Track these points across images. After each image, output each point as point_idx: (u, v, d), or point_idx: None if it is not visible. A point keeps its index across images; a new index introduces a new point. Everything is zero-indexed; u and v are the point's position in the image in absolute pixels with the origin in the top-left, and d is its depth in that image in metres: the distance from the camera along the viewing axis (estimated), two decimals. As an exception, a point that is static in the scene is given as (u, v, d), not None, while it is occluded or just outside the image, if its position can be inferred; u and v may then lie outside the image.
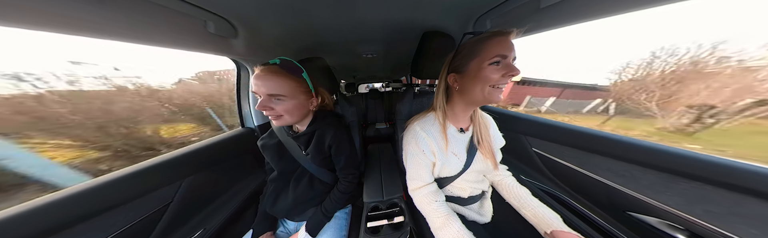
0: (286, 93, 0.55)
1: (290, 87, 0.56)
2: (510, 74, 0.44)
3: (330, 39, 0.87)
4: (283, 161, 0.71)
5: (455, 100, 0.57)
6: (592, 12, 0.48)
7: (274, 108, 0.55)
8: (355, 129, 0.92)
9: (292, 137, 0.69)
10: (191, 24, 0.53)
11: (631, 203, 0.62)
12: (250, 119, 1.06)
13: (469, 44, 0.48)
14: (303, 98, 0.60)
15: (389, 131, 2.13)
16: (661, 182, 0.55)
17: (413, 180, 0.62)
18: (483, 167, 0.63)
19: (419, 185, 0.61)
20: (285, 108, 0.57)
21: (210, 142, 0.85)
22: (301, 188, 0.70)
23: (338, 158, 0.70)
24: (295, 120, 0.61)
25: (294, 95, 0.57)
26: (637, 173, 0.60)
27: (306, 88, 0.61)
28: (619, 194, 0.64)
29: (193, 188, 0.73)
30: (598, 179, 0.68)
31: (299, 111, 0.61)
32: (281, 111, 0.56)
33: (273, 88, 0.54)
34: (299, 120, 0.64)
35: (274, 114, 0.57)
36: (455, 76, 0.52)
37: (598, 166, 0.69)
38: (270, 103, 0.55)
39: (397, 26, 0.75)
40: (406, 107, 0.86)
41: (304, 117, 0.65)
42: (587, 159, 0.72)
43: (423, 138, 0.57)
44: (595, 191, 0.71)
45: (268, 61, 0.56)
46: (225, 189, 0.89)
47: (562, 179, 0.84)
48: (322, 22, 0.69)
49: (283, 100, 0.56)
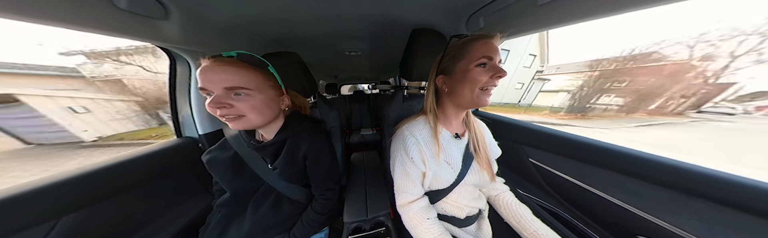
0: (251, 86, 0.46)
1: (257, 78, 0.48)
2: (497, 75, 0.46)
3: (305, 31, 0.80)
4: (239, 179, 0.62)
5: (445, 103, 0.57)
6: (594, 10, 0.48)
7: (234, 105, 0.46)
8: (337, 136, 0.87)
9: (255, 147, 0.60)
10: None
11: (641, 225, 0.58)
12: (191, 126, 0.88)
13: (456, 46, 0.51)
14: (273, 94, 0.52)
15: (376, 138, 2.07)
16: (675, 202, 0.52)
17: (402, 194, 0.58)
18: (479, 179, 0.61)
19: (409, 200, 0.57)
20: (251, 105, 0.47)
21: (127, 158, 0.66)
22: (264, 212, 0.62)
23: (315, 170, 0.63)
24: (262, 121, 0.52)
25: (262, 89, 0.49)
26: (646, 190, 0.56)
27: (275, 83, 0.53)
28: (626, 214, 0.60)
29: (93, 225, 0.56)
30: (603, 196, 0.65)
31: (269, 110, 0.52)
32: (245, 109, 0.47)
33: (233, 80, 0.45)
34: (267, 122, 0.55)
35: (233, 113, 0.46)
36: (444, 78, 0.53)
37: (603, 181, 0.65)
38: (228, 100, 0.45)
39: (383, 21, 0.72)
40: (395, 111, 0.82)
41: (273, 120, 0.56)
42: (590, 173, 0.68)
43: (412, 144, 0.55)
44: (600, 209, 0.68)
45: (221, 54, 0.48)
46: (149, 221, 0.71)
47: (562, 194, 0.81)
48: (294, 11, 0.62)
49: (249, 94, 0.47)
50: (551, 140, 0.80)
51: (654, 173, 0.54)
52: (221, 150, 0.63)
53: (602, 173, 0.64)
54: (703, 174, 0.48)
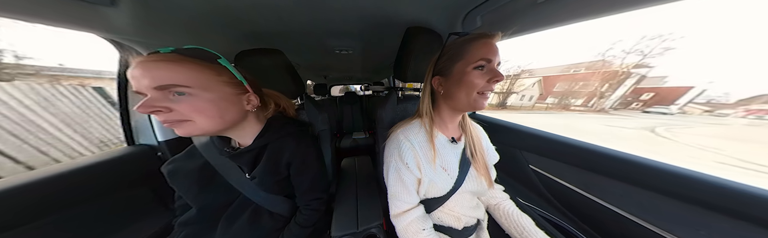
0: (192, 83, 0.38)
1: (200, 74, 0.40)
2: (495, 80, 0.44)
3: (289, 27, 0.74)
4: (208, 192, 0.55)
5: (441, 106, 0.55)
6: (595, 9, 0.47)
7: (173, 109, 0.38)
8: (327, 140, 0.82)
9: (230, 155, 0.54)
10: None
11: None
12: (147, 132, 0.78)
13: (454, 46, 0.49)
14: (228, 92, 0.44)
15: (368, 142, 2.02)
16: (693, 217, 0.48)
17: (396, 202, 0.55)
18: (476, 186, 0.59)
19: (403, 209, 0.54)
20: (193, 106, 0.39)
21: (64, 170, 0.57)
22: (239, 228, 0.56)
23: (300, 178, 0.59)
24: (216, 125, 0.43)
25: (208, 87, 0.41)
26: (660, 203, 0.52)
27: (232, 78, 0.45)
28: (638, 229, 0.56)
29: None
30: (612, 208, 0.60)
31: (224, 111, 0.44)
32: (187, 111, 0.39)
33: (164, 77, 0.37)
34: (226, 126, 0.46)
35: (174, 118, 0.39)
36: (440, 79, 0.51)
37: (611, 191, 0.61)
38: (163, 102, 0.37)
39: (375, 18, 0.69)
40: (389, 114, 0.79)
41: (238, 121, 0.49)
42: (595, 181, 0.64)
43: (407, 148, 0.53)
44: (609, 223, 0.63)
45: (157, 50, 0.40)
46: None
47: (566, 204, 0.76)
48: (274, 3, 0.57)
49: (191, 94, 0.39)
50: (553, 145, 0.77)
51: (670, 184, 0.50)
52: (188, 159, 0.56)
53: (609, 181, 0.61)
54: (726, 187, 0.43)
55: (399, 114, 0.80)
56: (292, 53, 0.86)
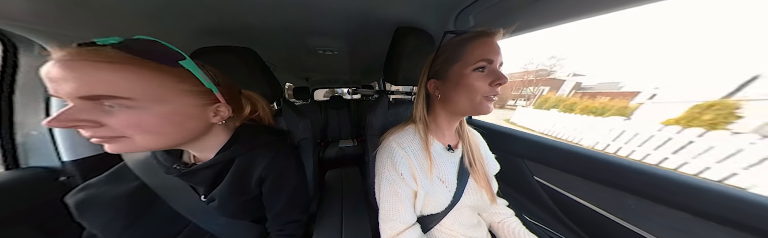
0: (135, 93, 0.29)
1: (149, 81, 0.30)
2: (497, 83, 0.41)
3: (262, 22, 0.65)
4: (140, 226, 0.44)
5: (437, 111, 0.52)
6: (596, 6, 0.45)
7: (101, 123, 0.30)
8: (309, 150, 0.75)
9: (180, 173, 0.44)
10: None
11: None
12: (44, 150, 0.59)
13: (451, 46, 0.45)
14: (189, 104, 0.35)
15: (357, 151, 1.91)
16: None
17: (389, 222, 0.49)
18: (477, 200, 0.54)
19: (398, 230, 0.48)
20: (132, 121, 0.31)
21: None
22: None
23: (275, 197, 0.51)
24: (162, 143, 0.35)
25: (160, 97, 0.32)
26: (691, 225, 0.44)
27: (196, 86, 0.36)
28: None
29: None
30: (634, 229, 0.52)
31: (178, 127, 0.35)
32: (123, 127, 0.31)
33: (99, 84, 0.28)
34: (177, 143, 0.38)
35: (102, 134, 0.31)
36: (436, 82, 0.48)
37: (631, 210, 0.53)
38: (89, 114, 0.29)
39: (362, 17, 0.65)
40: (380, 119, 0.73)
41: (198, 136, 0.40)
42: (612, 198, 0.56)
43: (401, 157, 0.49)
44: None
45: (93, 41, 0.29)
46: None
47: (577, 222, 0.67)
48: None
49: (131, 106, 0.30)
50: (561, 155, 0.69)
51: (706, 205, 0.42)
52: (111, 183, 0.45)
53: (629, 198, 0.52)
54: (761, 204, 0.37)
55: (390, 119, 0.75)
56: (266, 53, 0.77)
